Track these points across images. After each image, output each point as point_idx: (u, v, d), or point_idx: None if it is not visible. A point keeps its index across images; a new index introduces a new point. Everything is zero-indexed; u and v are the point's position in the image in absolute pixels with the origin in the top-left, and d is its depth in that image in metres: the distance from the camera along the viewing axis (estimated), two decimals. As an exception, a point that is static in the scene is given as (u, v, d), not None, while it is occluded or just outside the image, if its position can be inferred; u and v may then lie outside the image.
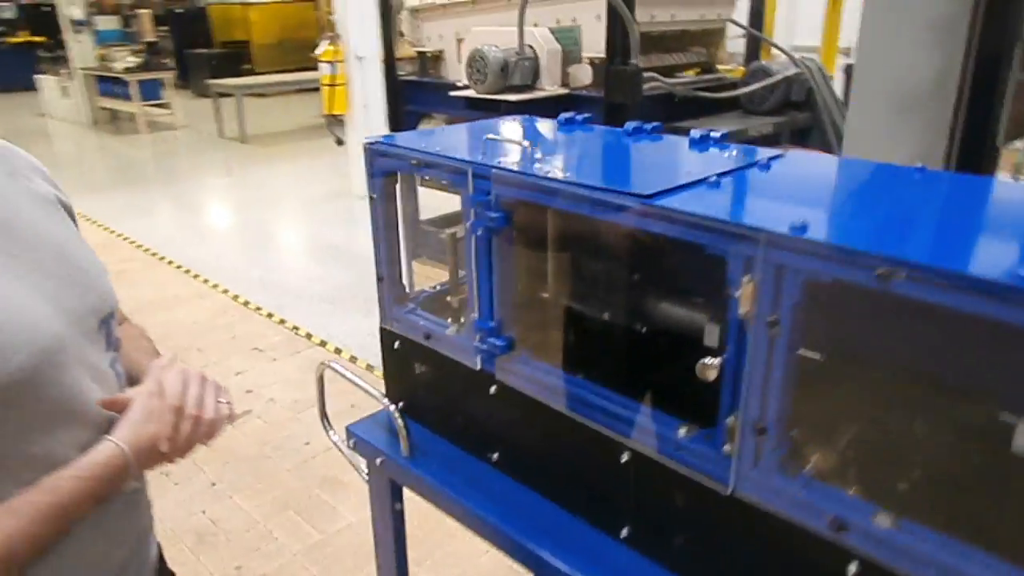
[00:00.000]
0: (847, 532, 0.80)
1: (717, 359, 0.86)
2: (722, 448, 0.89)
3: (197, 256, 5.56)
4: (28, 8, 14.60)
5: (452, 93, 3.14)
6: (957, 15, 2.01)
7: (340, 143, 6.90)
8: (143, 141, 10.29)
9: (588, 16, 2.99)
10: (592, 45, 2.99)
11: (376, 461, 1.33)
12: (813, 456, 0.91)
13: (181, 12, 14.84)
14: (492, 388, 1.17)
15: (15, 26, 14.70)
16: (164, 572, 1.15)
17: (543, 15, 3.10)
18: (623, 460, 1.01)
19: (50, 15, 11.40)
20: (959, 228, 0.83)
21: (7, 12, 14.76)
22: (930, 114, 2.12)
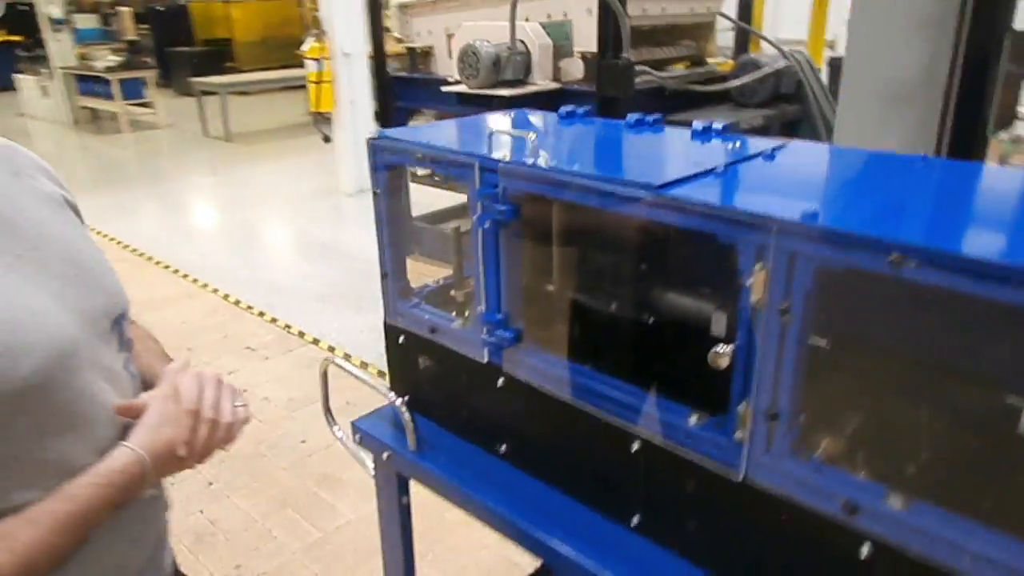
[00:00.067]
0: (859, 514, 0.82)
1: (729, 347, 0.87)
2: (734, 435, 0.90)
3: (185, 256, 5.52)
4: (5, 7, 14.33)
5: (444, 88, 3.13)
6: (945, 7, 2.03)
7: (327, 140, 6.86)
8: (126, 141, 10.18)
9: (579, 10, 2.99)
10: (583, 39, 3.00)
11: (383, 455, 1.33)
12: (823, 441, 0.92)
13: (162, 10, 14.67)
14: (500, 380, 1.18)
15: (-8, 25, 14.49)
16: None
17: (534, 10, 3.10)
18: (633, 449, 1.02)
19: (28, 14, 11.22)
20: (967, 214, 0.84)
21: (-17, 11, 14.53)
22: (920, 105, 2.15)
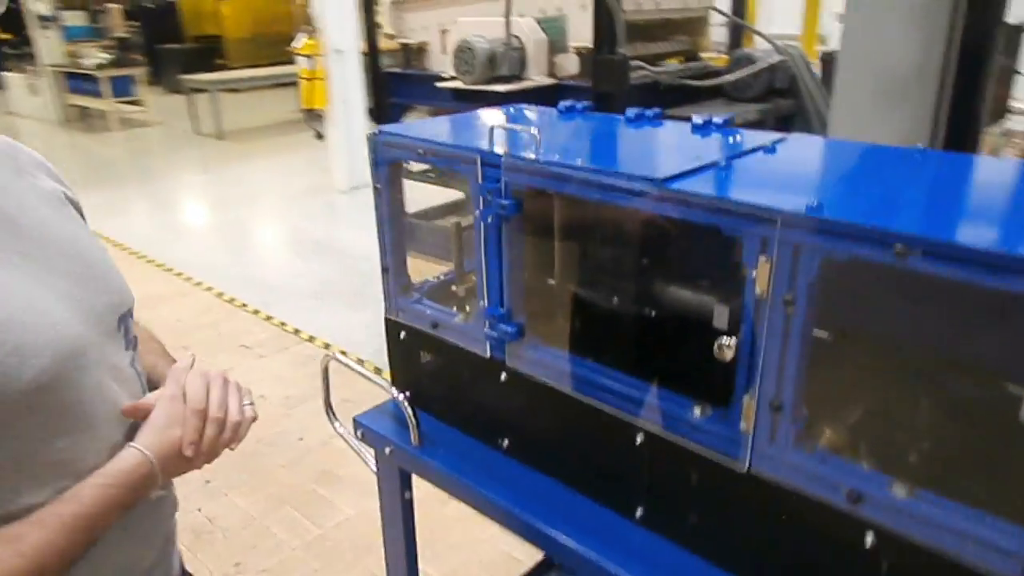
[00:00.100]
0: (863, 503, 0.82)
1: (733, 339, 0.88)
2: (738, 426, 0.90)
3: (177, 254, 5.50)
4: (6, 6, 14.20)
5: (439, 84, 3.12)
6: (939, 0, 2.05)
7: (320, 137, 6.85)
8: (116, 139, 10.12)
9: (573, 6, 2.99)
10: (577, 35, 3.00)
11: (385, 451, 1.34)
12: (826, 431, 0.93)
13: (151, 7, 14.58)
14: (502, 375, 1.18)
15: (-22, 23, 14.35)
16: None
17: (528, 5, 3.10)
18: (638, 442, 1.03)
19: (15, 11, 11.13)
20: (969, 205, 0.85)
21: (-31, 9, 14.38)
22: (914, 99, 2.16)
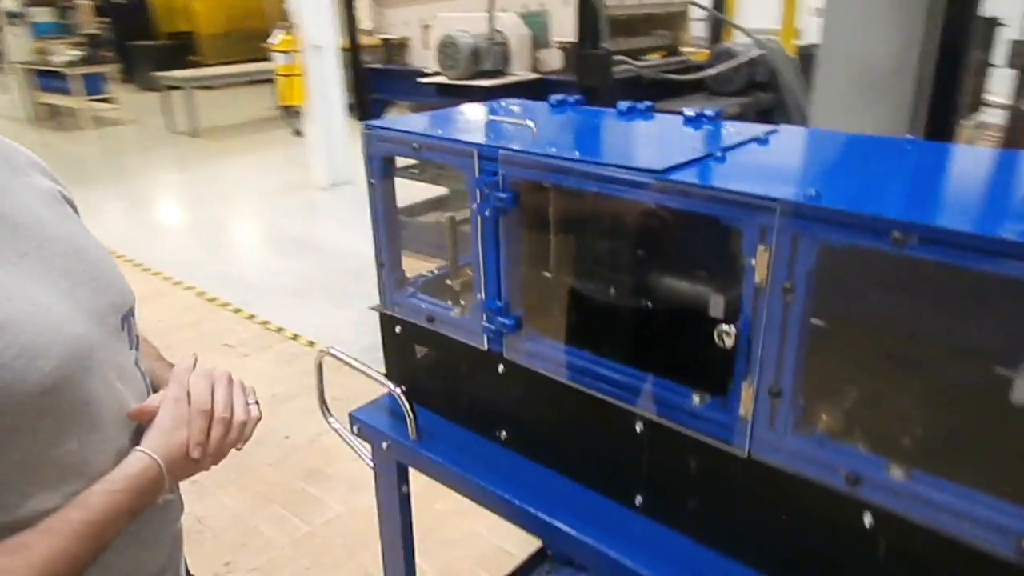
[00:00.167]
0: (861, 485, 0.84)
1: (733, 326, 0.89)
2: (738, 413, 0.92)
3: (154, 253, 5.43)
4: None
5: (422, 80, 3.11)
6: (917, -5, 2.09)
7: (298, 134, 6.79)
8: (88, 137, 9.95)
9: (555, 1, 3.00)
10: (560, 30, 3.01)
11: (382, 445, 1.34)
12: (823, 416, 0.95)
13: (122, 2, 14.32)
14: (500, 367, 1.19)
15: (-57, 20, 14.00)
16: None
17: (511, 0, 3.10)
18: (637, 430, 1.04)
19: (-19, 8, 10.92)
20: (962, 193, 0.87)
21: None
22: (893, 92, 2.20)
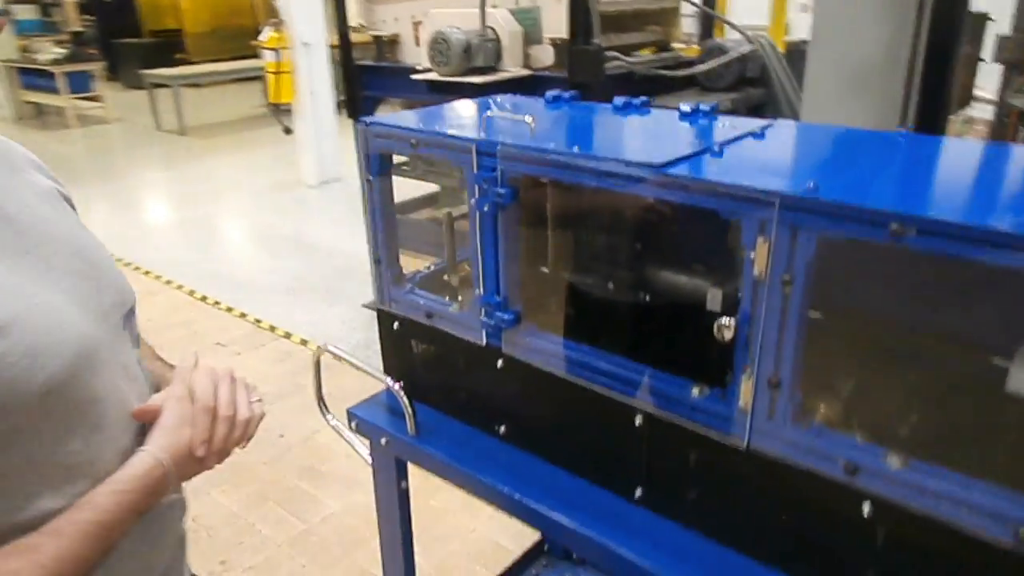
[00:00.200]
0: (860, 475, 0.86)
1: (732, 319, 0.90)
2: (737, 404, 0.93)
3: (143, 252, 5.39)
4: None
5: (414, 76, 3.11)
6: (906, -10, 2.10)
7: (288, 132, 6.76)
8: (74, 136, 9.85)
9: (546, -3, 3.00)
10: (552, 26, 3.01)
11: (381, 441, 1.34)
12: (821, 407, 0.96)
13: (107, 0, 14.19)
14: (499, 362, 1.20)
15: (-76, 17, 13.82)
16: None
17: (502, -4, 3.10)
18: (637, 423, 1.05)
19: (-37, 5, 10.77)
20: (958, 185, 0.88)
21: (-85, 3, 13.87)
22: (883, 87, 2.22)
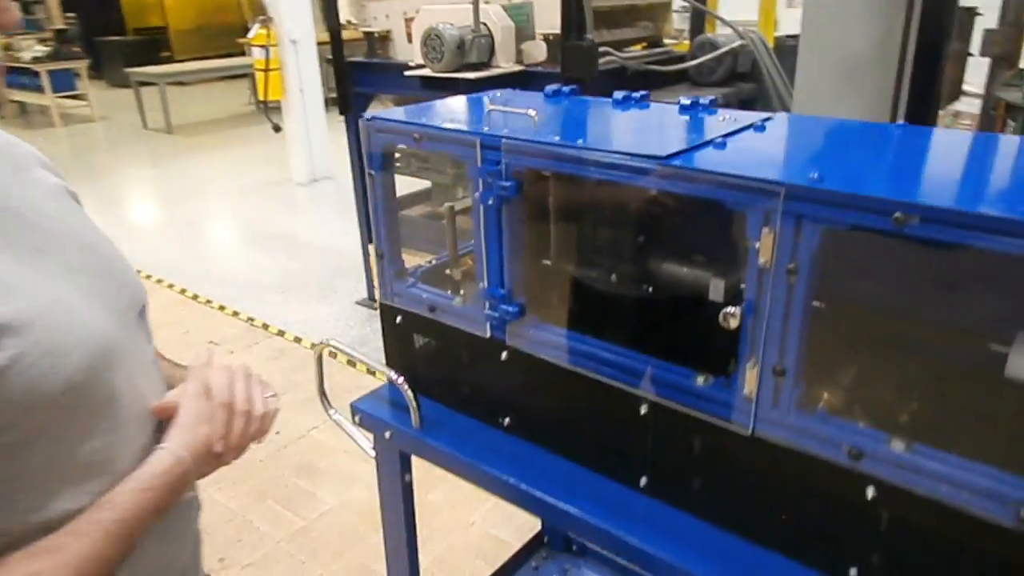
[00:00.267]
0: (863, 460, 0.87)
1: (737, 308, 0.91)
2: (742, 392, 0.94)
3: (133, 252, 5.35)
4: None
5: (408, 73, 3.11)
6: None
7: (278, 130, 6.73)
8: (58, 135, 9.76)
9: (539, -8, 3.01)
10: (544, 21, 3.02)
11: (385, 434, 1.35)
12: (825, 393, 0.98)
13: (90, -3, 14.05)
14: (503, 354, 1.21)
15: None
16: None
17: (494, -8, 3.10)
18: (642, 413, 1.06)
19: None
20: (957, 174, 0.90)
21: None
22: (874, 81, 2.24)
